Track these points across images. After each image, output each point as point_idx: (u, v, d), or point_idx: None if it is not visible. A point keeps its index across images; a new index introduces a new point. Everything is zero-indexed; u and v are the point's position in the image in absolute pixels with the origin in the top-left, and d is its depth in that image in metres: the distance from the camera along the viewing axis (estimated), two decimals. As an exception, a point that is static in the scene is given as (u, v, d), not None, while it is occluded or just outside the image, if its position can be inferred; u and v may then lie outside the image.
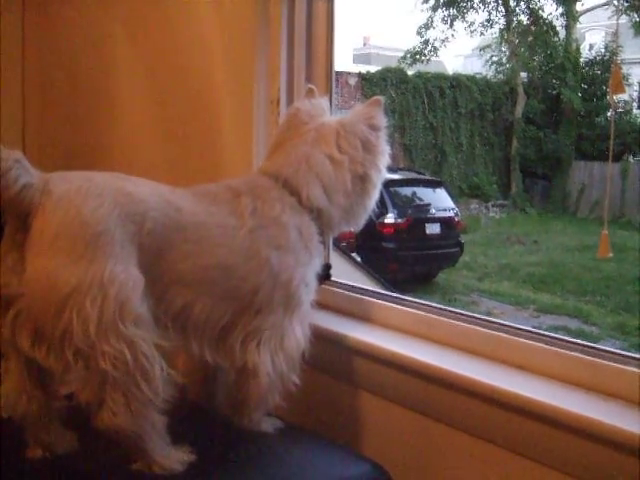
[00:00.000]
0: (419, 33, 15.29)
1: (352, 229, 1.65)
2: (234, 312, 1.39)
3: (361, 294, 1.83)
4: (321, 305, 1.65)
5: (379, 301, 1.79)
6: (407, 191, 9.71)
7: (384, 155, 1.58)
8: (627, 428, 1.18)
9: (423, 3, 15.01)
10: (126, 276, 1.22)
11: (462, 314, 1.63)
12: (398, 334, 1.68)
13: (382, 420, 1.65)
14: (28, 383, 1.29)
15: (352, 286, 1.87)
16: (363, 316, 1.78)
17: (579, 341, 1.43)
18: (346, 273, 2.17)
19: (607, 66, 14.42)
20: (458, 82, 14.60)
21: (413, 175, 10.99)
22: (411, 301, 1.75)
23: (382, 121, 1.57)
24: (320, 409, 1.74)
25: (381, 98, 1.59)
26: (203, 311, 1.35)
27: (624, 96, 13.11)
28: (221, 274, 1.38)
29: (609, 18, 14.26)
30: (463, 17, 15.25)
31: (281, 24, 1.87)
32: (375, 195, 1.59)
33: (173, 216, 1.33)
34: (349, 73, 13.42)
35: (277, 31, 1.87)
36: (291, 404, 1.49)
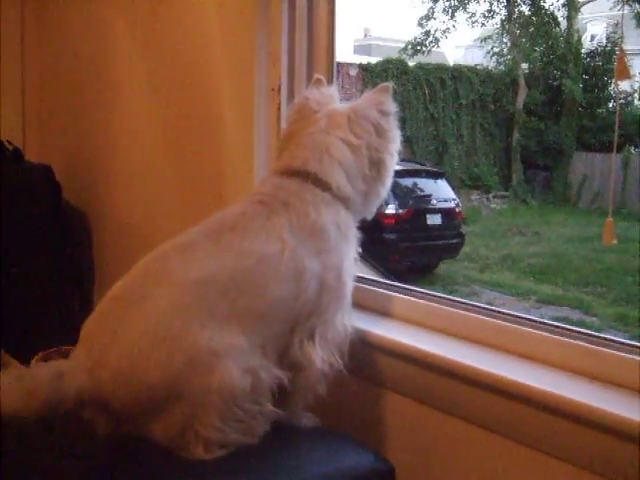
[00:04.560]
0: (420, 24, 15.23)
1: (367, 217, 1.60)
2: (292, 328, 1.39)
3: (368, 285, 1.83)
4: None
5: (386, 292, 1.78)
6: (408, 182, 9.66)
7: (396, 141, 1.56)
8: (631, 416, 1.18)
9: (424, -7, 14.97)
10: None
11: (470, 304, 1.64)
12: (404, 325, 1.68)
13: (384, 410, 1.65)
14: None
15: (358, 277, 1.85)
16: (370, 307, 1.78)
17: (583, 330, 1.42)
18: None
19: (609, 57, 14.37)
20: (459, 73, 14.54)
21: (414, 166, 10.95)
22: (418, 291, 1.75)
23: (392, 106, 1.55)
24: (322, 399, 1.73)
25: (389, 84, 1.57)
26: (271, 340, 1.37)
27: (625, 87, 13.06)
28: (276, 307, 1.37)
29: (610, 9, 14.17)
30: (464, 8, 15.18)
31: (282, 11, 1.86)
32: (389, 182, 1.56)
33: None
34: (350, 64, 13.37)
35: (278, 19, 1.86)
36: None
